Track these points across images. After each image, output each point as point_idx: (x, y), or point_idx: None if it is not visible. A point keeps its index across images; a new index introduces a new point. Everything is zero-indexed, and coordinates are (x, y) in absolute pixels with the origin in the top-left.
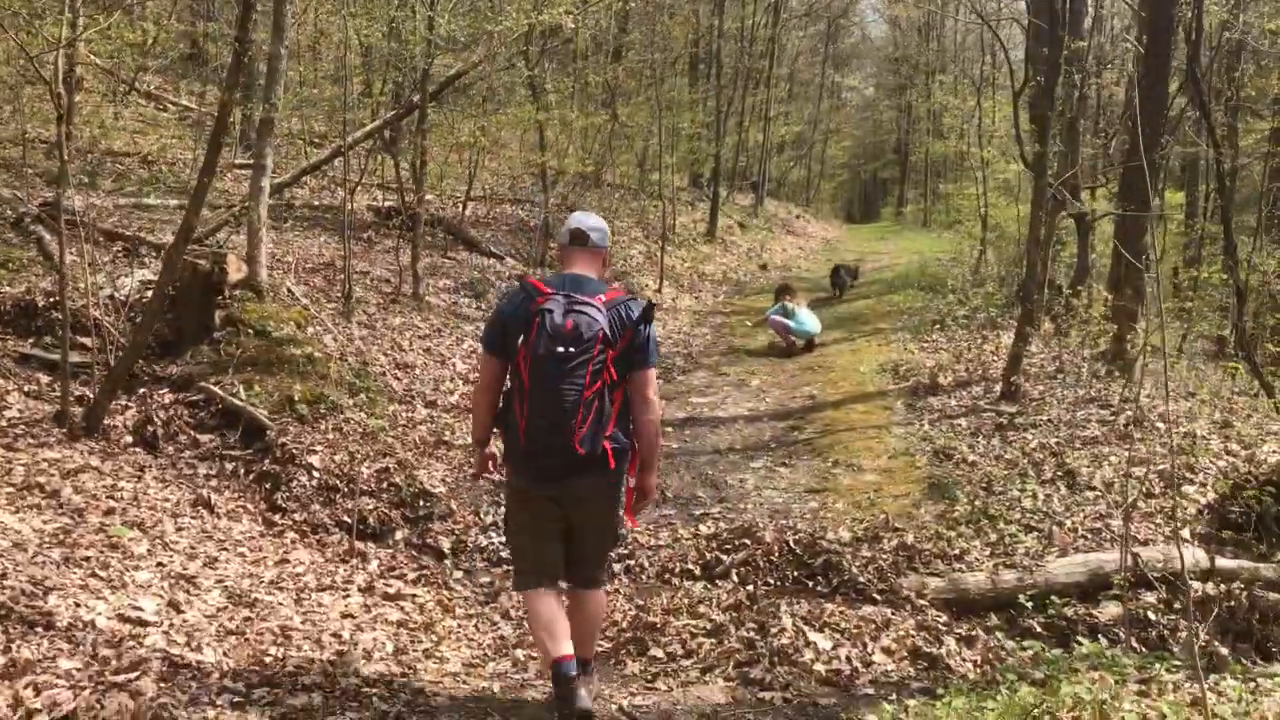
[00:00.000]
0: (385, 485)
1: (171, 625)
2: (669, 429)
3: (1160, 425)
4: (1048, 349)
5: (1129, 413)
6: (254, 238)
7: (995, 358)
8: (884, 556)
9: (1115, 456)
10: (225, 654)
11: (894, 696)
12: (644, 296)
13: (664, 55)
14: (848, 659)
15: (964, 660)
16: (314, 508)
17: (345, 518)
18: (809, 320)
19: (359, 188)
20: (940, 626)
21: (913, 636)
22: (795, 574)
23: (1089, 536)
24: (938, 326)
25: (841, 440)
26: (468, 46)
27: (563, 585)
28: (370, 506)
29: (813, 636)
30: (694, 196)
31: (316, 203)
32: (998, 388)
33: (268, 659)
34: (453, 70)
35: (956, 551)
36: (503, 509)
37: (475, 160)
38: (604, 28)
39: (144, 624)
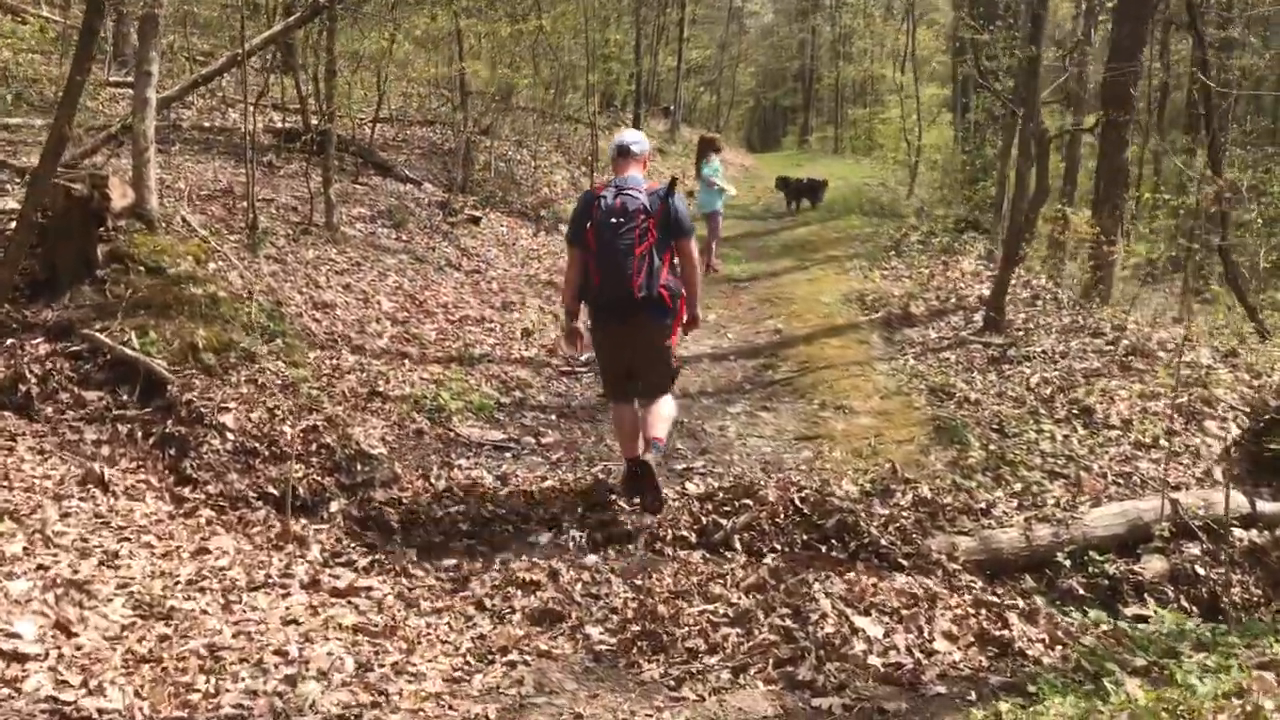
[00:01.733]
0: (315, 447)
1: (61, 657)
2: None
3: (1162, 354)
4: (1022, 274)
5: (1126, 341)
6: (140, 158)
7: (965, 285)
8: (904, 514)
9: (1125, 390)
10: (137, 693)
11: (973, 695)
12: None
13: None
14: (907, 649)
15: (1033, 641)
16: (230, 477)
17: (270, 488)
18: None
19: (255, 108)
20: (1001, 602)
21: (974, 616)
22: (805, 538)
23: (1120, 482)
24: (893, 253)
25: (824, 379)
26: None
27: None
28: (299, 473)
29: (859, 622)
30: (609, 120)
31: (207, 123)
32: (978, 317)
33: (195, 696)
34: None
35: (981, 505)
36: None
37: (384, 76)
38: None
39: (21, 658)
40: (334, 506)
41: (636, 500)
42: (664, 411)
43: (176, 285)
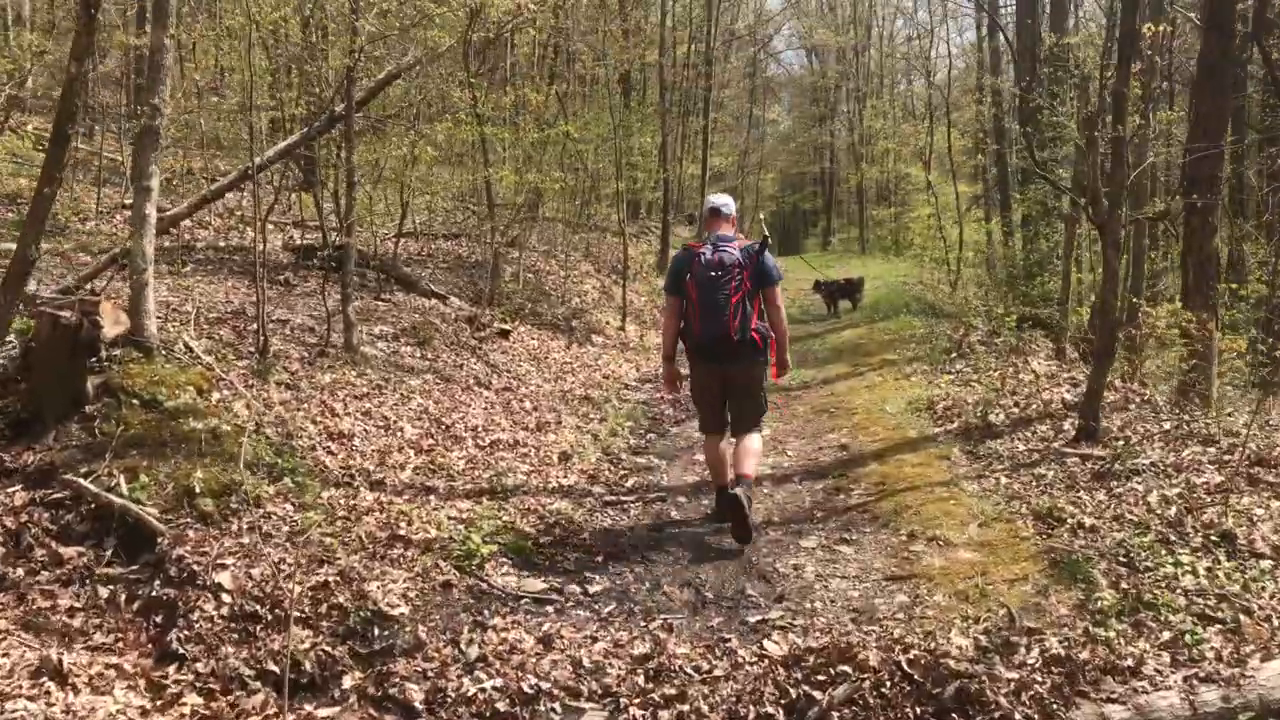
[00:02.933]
0: (325, 609)
1: None
2: (680, 499)
3: None
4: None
5: (1246, 449)
6: (137, 280)
7: (1044, 389)
8: (1035, 677)
9: (1262, 509)
10: None
11: None
12: (758, 239)
13: (610, 67)
14: None
15: None
16: (225, 650)
17: (270, 664)
18: None
19: (273, 225)
20: None
21: None
22: (918, 711)
23: None
24: (954, 355)
25: (907, 504)
26: (396, 44)
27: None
28: (305, 643)
29: None
30: (636, 229)
31: (223, 243)
32: (1067, 425)
33: None
34: (381, 75)
35: (1127, 662)
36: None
37: (409, 187)
38: (541, 40)
39: None
40: (346, 683)
41: (727, 524)
42: (753, 447)
43: (174, 420)
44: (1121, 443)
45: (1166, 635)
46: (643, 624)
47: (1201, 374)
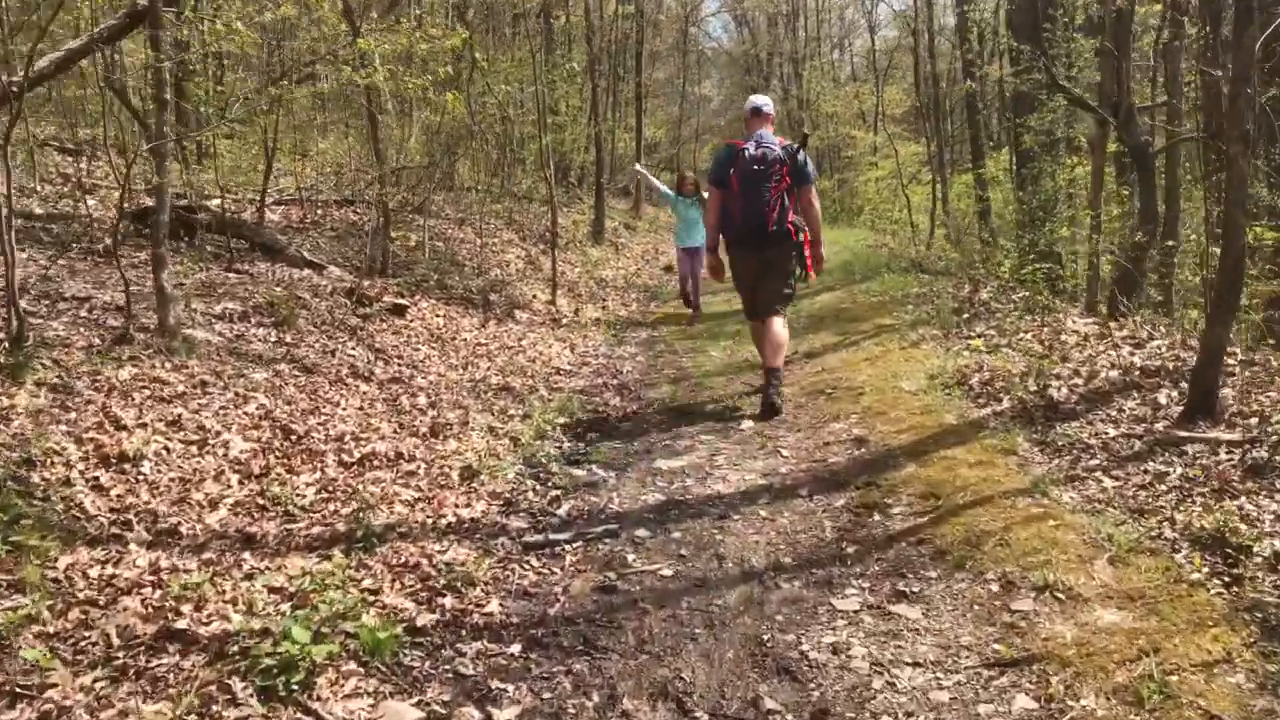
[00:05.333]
0: None
1: None
2: (639, 533)
3: None
4: (1165, 334)
5: None
6: None
7: (1099, 351)
8: None
9: None
10: None
11: None
12: (798, 138)
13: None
14: None
15: None
16: None
17: None
18: (700, 227)
19: (103, 187)
20: None
21: None
22: None
23: None
24: (966, 316)
25: (981, 527)
26: None
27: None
28: None
29: None
30: (566, 197)
31: (39, 210)
32: (1161, 397)
33: None
34: None
35: None
36: None
37: (272, 138)
38: None
39: None
40: None
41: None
42: (778, 338)
43: None
44: (1256, 420)
45: None
46: None
47: None
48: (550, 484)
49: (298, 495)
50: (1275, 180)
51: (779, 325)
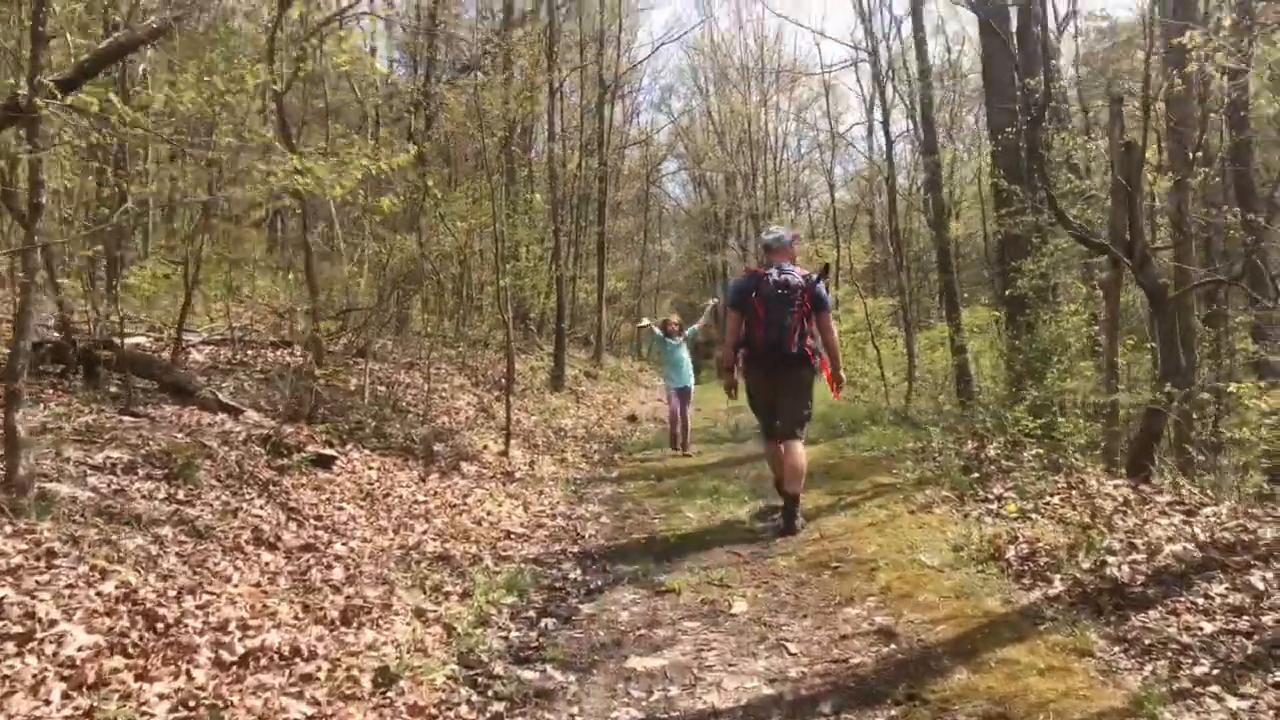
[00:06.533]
0: None
1: None
2: None
3: None
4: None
5: None
6: None
7: (1145, 518)
8: None
9: None
10: None
11: None
12: (818, 268)
13: (489, 141)
14: None
15: None
16: None
17: None
18: (688, 366)
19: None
20: None
21: None
22: None
23: None
24: (975, 475)
25: None
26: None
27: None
28: None
29: None
30: (524, 343)
31: None
32: (1256, 579)
33: None
34: (105, 43)
35: None
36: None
37: (194, 267)
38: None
39: None
40: None
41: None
42: (798, 464)
43: None
44: None
45: None
46: None
47: None
48: (491, 693)
49: (142, 716)
50: None
51: (799, 450)
